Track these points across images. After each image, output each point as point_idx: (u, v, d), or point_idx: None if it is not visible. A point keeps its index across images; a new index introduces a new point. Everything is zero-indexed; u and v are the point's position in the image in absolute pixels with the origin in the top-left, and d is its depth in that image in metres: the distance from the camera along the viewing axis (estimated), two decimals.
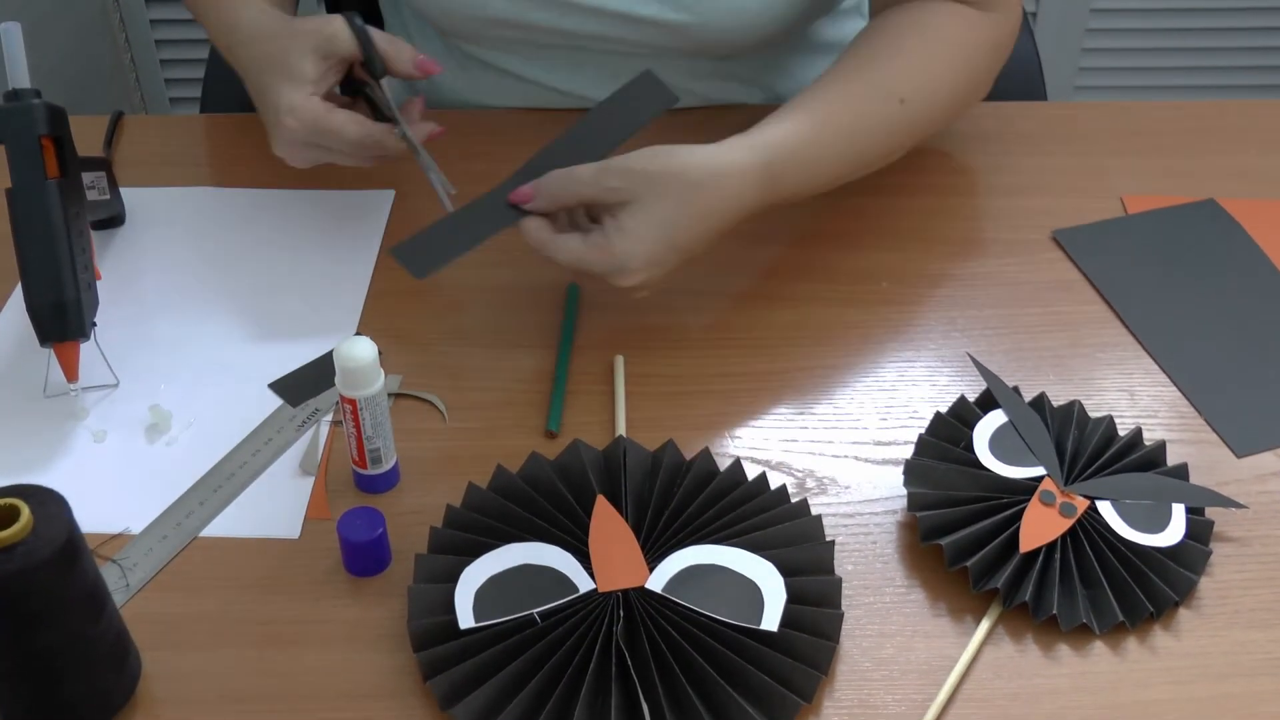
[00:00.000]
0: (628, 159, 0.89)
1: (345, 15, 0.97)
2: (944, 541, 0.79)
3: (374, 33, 0.97)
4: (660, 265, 0.89)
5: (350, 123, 0.94)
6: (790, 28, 1.11)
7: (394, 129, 0.97)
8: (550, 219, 0.91)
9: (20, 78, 0.89)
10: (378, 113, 0.98)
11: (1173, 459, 0.86)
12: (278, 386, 0.89)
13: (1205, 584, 0.80)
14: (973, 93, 1.05)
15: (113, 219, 1.05)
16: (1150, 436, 0.88)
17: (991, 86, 1.06)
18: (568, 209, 0.91)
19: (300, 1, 1.13)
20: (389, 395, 0.86)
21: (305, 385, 0.89)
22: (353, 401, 0.81)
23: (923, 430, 0.87)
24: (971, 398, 0.89)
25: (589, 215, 0.92)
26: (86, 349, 0.90)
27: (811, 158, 0.95)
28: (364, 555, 0.80)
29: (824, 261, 1.03)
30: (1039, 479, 0.83)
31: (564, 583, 0.76)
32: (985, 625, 0.77)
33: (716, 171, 0.90)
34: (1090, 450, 0.85)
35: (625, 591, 0.76)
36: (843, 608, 0.78)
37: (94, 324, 0.89)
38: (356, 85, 0.99)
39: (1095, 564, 0.79)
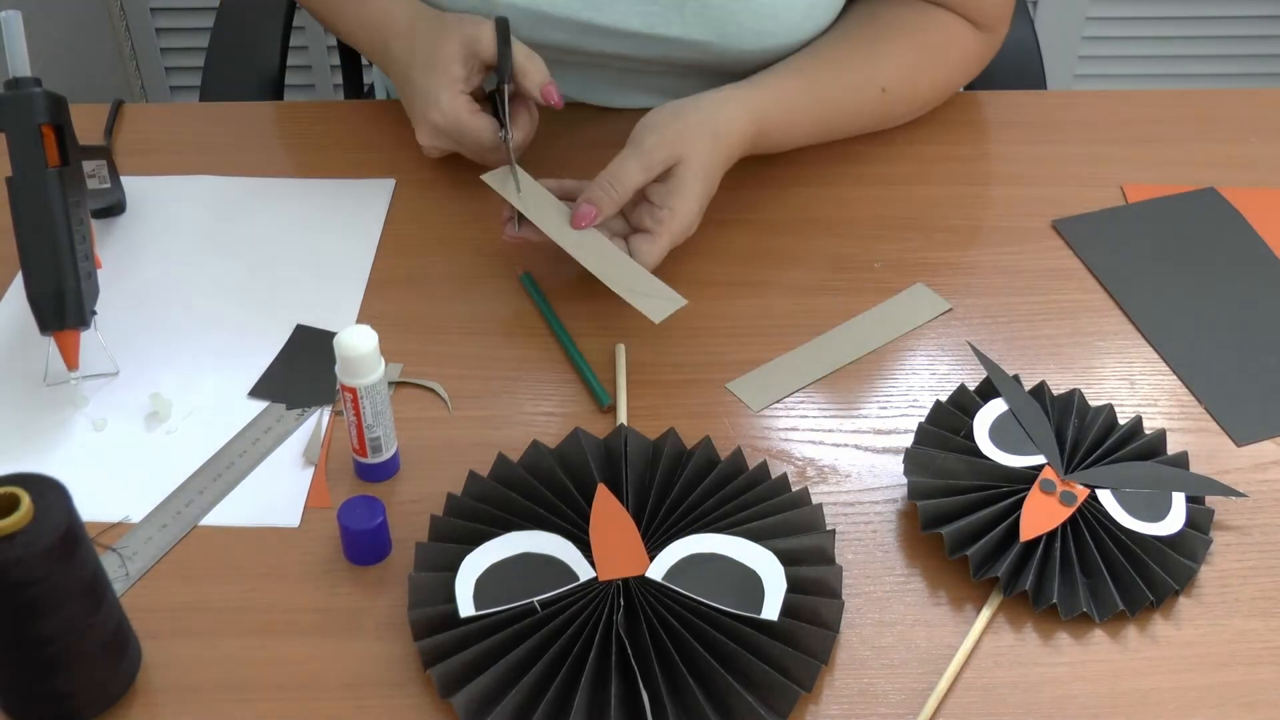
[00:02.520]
0: (653, 127, 0.96)
1: (497, 20, 1.00)
2: (944, 530, 0.79)
3: (516, 45, 1.01)
4: (701, 213, 0.98)
5: (487, 130, 1.00)
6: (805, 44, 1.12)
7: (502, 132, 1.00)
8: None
9: (21, 66, 0.89)
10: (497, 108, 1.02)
11: (1173, 448, 0.86)
12: (258, 392, 0.90)
13: (1205, 573, 0.80)
14: (946, 95, 1.15)
15: (113, 207, 1.05)
16: (1150, 425, 0.88)
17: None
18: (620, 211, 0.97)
19: None
20: (389, 384, 0.86)
21: (286, 380, 0.90)
22: (353, 390, 0.81)
23: (923, 419, 0.87)
24: (971, 386, 0.89)
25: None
26: (87, 337, 0.89)
27: (794, 123, 1.05)
28: (364, 544, 0.80)
29: (824, 251, 1.03)
30: (1039, 468, 0.83)
31: (564, 571, 0.76)
32: (985, 614, 0.78)
33: (728, 121, 0.99)
34: (1090, 439, 0.85)
35: (625, 580, 0.76)
36: (843, 596, 0.78)
37: (94, 312, 0.89)
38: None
39: (1095, 552, 0.79)
